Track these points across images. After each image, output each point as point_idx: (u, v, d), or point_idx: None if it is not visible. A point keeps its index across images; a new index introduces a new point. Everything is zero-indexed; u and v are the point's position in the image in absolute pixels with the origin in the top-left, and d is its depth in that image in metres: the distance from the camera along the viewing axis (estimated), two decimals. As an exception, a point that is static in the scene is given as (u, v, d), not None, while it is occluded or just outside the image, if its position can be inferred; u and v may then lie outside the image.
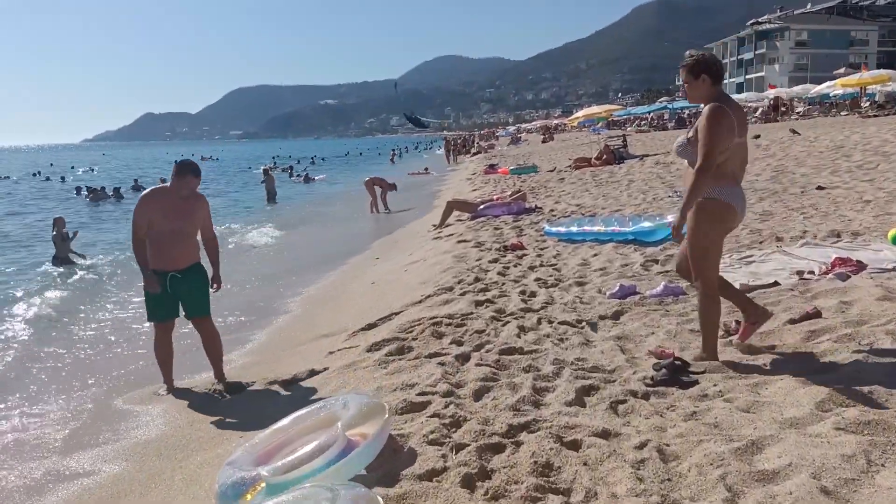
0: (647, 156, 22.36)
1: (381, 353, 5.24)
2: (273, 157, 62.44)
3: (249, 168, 54.81)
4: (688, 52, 4.26)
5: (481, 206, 13.14)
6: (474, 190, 19.71)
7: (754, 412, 3.58)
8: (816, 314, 4.84)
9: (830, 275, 5.85)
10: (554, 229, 9.58)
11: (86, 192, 31.13)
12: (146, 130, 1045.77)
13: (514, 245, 9.17)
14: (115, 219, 22.88)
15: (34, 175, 51.59)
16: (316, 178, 39.13)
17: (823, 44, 79.93)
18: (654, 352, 4.60)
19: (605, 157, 21.52)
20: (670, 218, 8.62)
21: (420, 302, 6.77)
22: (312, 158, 66.28)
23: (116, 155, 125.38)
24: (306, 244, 15.01)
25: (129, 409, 5.54)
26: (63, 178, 45.50)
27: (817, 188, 11.09)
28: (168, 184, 5.59)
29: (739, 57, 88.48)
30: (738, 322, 4.90)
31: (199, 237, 5.79)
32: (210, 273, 5.79)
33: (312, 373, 5.51)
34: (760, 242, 7.76)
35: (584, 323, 5.53)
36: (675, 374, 4.23)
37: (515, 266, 7.98)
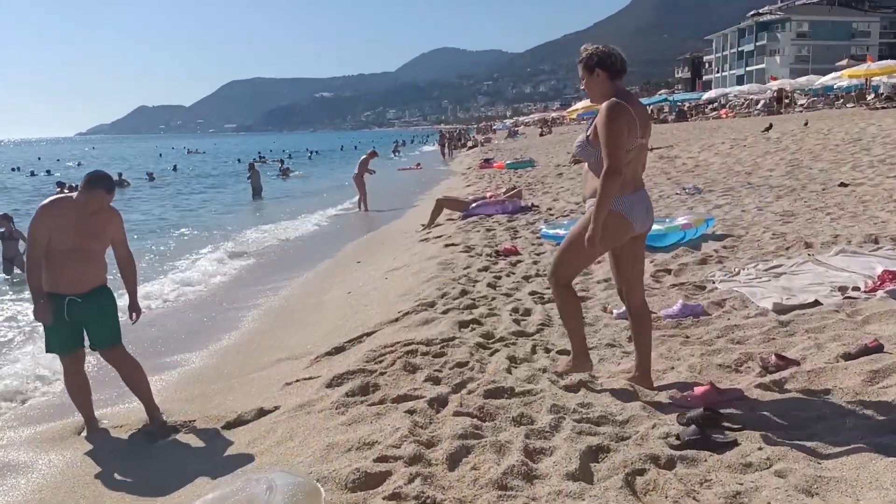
0: (650, 149, 21.42)
1: (341, 390, 4.29)
2: (259, 152, 61.27)
3: (239, 161, 53.66)
4: (583, 46, 3.84)
5: (473, 205, 12.19)
6: (468, 186, 18.78)
7: (820, 494, 2.66)
8: (877, 347, 3.91)
9: (881, 292, 4.92)
10: (552, 232, 8.64)
11: (56, 189, 30.11)
12: (140, 124, 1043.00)
13: (507, 250, 8.23)
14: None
15: (13, 170, 50.45)
16: (293, 173, 37.95)
17: (825, 35, 79.31)
18: (676, 399, 3.67)
19: (605, 150, 20.54)
20: (682, 220, 7.71)
21: (396, 321, 5.83)
22: (310, 153, 65.07)
23: (106, 149, 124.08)
24: (285, 243, 14.05)
25: (18, 460, 4.57)
26: (49, 171, 44.45)
27: (840, 185, 10.17)
28: (73, 193, 4.68)
29: (740, 49, 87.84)
30: (778, 356, 3.98)
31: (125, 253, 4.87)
32: (126, 299, 4.92)
33: (261, 413, 4.58)
34: (787, 248, 6.83)
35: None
36: (706, 428, 3.30)
37: (508, 275, 7.04)
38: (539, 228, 9.49)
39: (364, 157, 19.40)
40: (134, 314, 4.97)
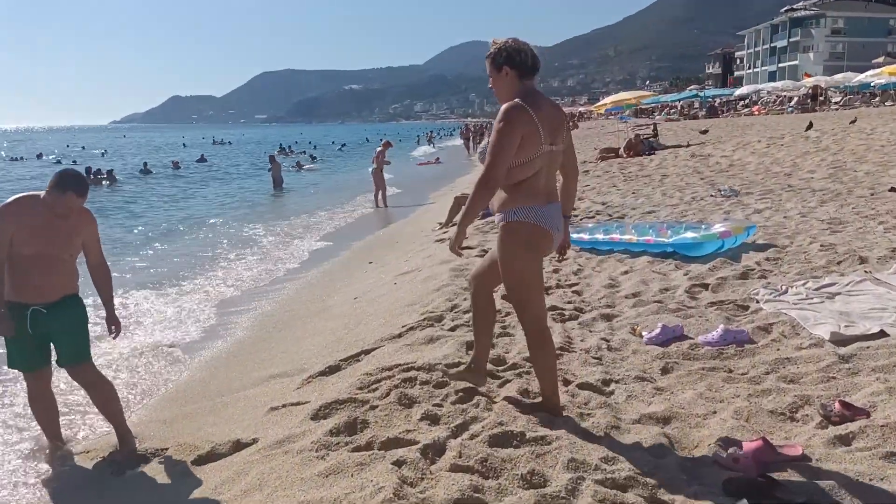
0: (679, 146, 20.61)
1: (326, 425, 3.71)
2: (280, 144, 60.87)
3: (265, 154, 53.37)
4: (492, 40, 3.47)
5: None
6: (490, 182, 18.09)
7: None
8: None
9: (959, 322, 4.22)
10: (575, 236, 7.97)
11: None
12: (173, 113, 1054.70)
13: (526, 255, 7.59)
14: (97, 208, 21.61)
15: (38, 157, 50.67)
16: (306, 166, 37.42)
17: (860, 32, 77.72)
18: (722, 457, 3.03)
19: (634, 148, 19.78)
20: (719, 227, 7.02)
21: (399, 336, 5.24)
22: (341, 146, 64.44)
23: (137, 137, 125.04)
24: (296, 240, 13.52)
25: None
26: (75, 161, 44.49)
27: (890, 189, 9.38)
28: (41, 192, 4.13)
29: (772, 45, 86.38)
30: (843, 404, 3.32)
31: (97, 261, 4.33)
32: (105, 311, 4.38)
33: (237, 446, 4.01)
34: (839, 263, 6.12)
35: (613, 385, 3.96)
36: (760, 501, 2.67)
37: (526, 286, 6.40)
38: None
39: (378, 149, 18.80)
40: (113, 327, 4.45)
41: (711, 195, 10.52)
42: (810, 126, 19.09)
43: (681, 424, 3.44)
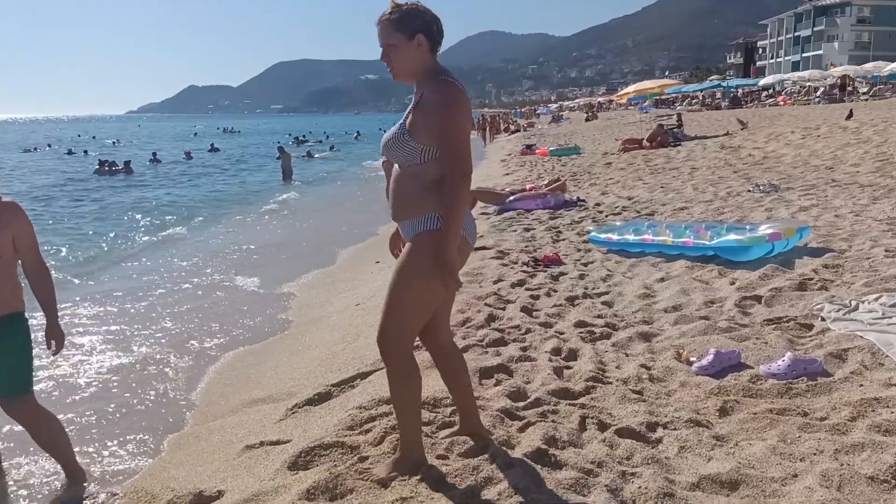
0: (705, 137, 19.70)
1: (305, 481, 2.97)
2: (289, 134, 60.34)
3: (278, 143, 52.87)
4: (392, 2, 2.74)
5: (510, 198, 10.76)
6: (507, 174, 17.30)
7: None
8: None
9: None
10: (602, 236, 7.20)
11: (96, 166, 29.41)
12: (189, 103, 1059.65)
13: (547, 258, 6.82)
14: (99, 199, 21.04)
15: (28, 150, 50.27)
16: (317, 155, 37.22)
17: (887, 20, 76.37)
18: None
19: (658, 138, 18.90)
20: (767, 228, 6.21)
21: (401, 357, 4.49)
22: (356, 133, 63.68)
23: (152, 127, 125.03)
24: (301, 231, 12.80)
25: None
26: (86, 151, 44.11)
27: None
28: None
29: (796, 34, 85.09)
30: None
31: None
32: (45, 329, 3.67)
33: (198, 500, 3.30)
34: (912, 272, 5.29)
35: (660, 430, 3.20)
36: None
37: (548, 294, 5.63)
38: (586, 229, 8.06)
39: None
40: (54, 342, 3.73)
41: (749, 190, 9.68)
42: (851, 115, 18.12)
43: (753, 492, 2.66)
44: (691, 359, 4.01)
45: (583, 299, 5.44)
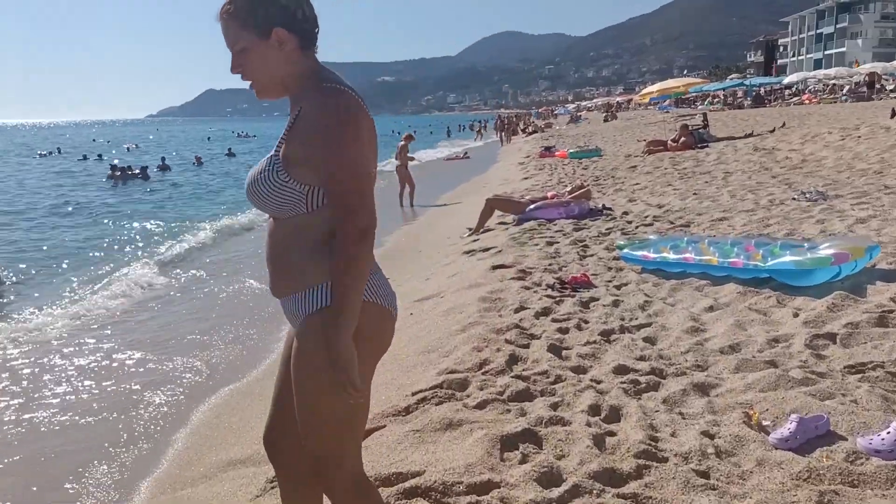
0: (733, 138, 18.79)
1: None
2: None
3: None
4: None
5: (531, 206, 9.97)
6: (526, 178, 16.50)
7: None
8: None
9: None
10: (637, 254, 6.38)
11: (108, 172, 28.93)
12: (208, 106, 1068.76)
13: (575, 279, 6.03)
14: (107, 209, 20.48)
15: (48, 154, 50.23)
16: None
17: None
18: None
19: (683, 139, 18.02)
20: (828, 247, 5.39)
21: (406, 413, 3.73)
22: None
23: (170, 130, 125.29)
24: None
25: None
26: (100, 155, 43.79)
27: None
28: None
29: (818, 31, 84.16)
30: None
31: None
32: None
33: None
34: None
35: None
36: None
37: (579, 327, 4.84)
38: (616, 243, 7.25)
39: (401, 143, 17.31)
40: None
41: (794, 198, 8.82)
42: (894, 114, 17.16)
43: None
44: (764, 422, 3.22)
45: (620, 334, 4.64)
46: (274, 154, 1.89)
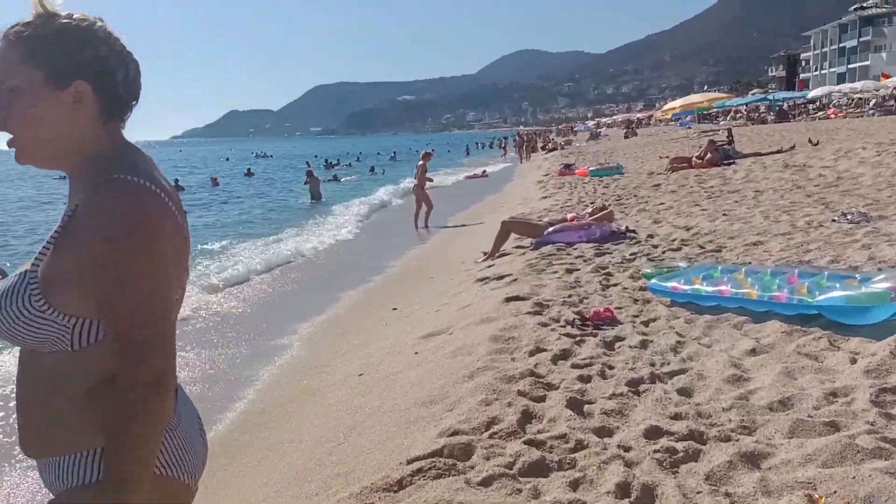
0: (760, 154, 18.10)
1: None
2: (315, 156, 59.68)
3: (307, 164, 52.02)
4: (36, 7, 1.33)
5: (549, 229, 9.39)
6: (545, 197, 15.92)
7: None
8: None
9: None
10: (667, 285, 5.78)
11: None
12: (231, 127, 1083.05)
13: (598, 315, 5.44)
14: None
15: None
16: (343, 179, 36.11)
17: None
18: None
19: (709, 155, 17.37)
20: (884, 280, 4.77)
21: (399, 488, 3.16)
22: (393, 154, 62.52)
23: (192, 152, 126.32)
24: (312, 267, 11.55)
25: None
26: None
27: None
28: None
29: (841, 45, 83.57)
30: None
31: None
32: None
33: None
34: None
35: None
36: None
37: (603, 375, 4.24)
38: (643, 272, 6.65)
39: (420, 162, 16.83)
40: None
41: (834, 220, 8.16)
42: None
43: None
44: (834, 510, 2.61)
45: (650, 384, 4.04)
46: (31, 269, 1.32)
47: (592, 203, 12.50)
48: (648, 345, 4.74)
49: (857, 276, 5.06)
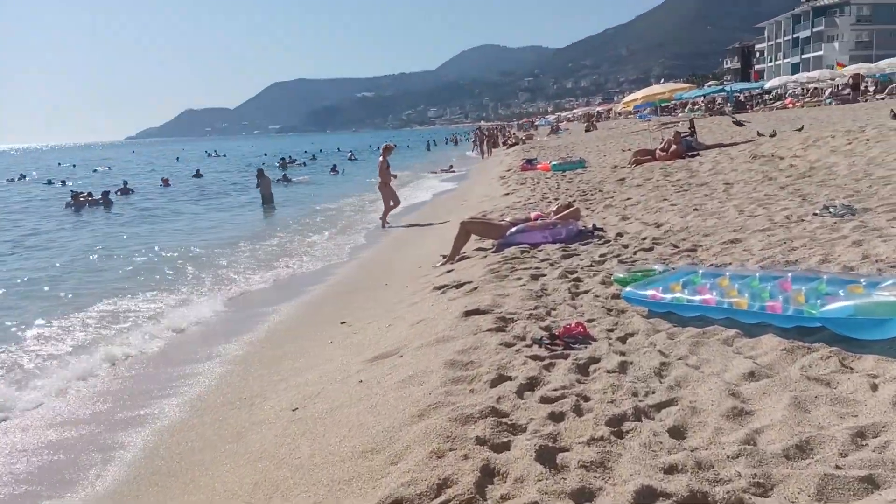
0: (722, 145, 17.64)
1: None
2: (264, 154, 57.94)
3: (249, 166, 50.34)
4: None
5: (512, 230, 8.69)
6: (507, 194, 15.25)
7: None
8: None
9: None
10: (644, 293, 5.10)
11: (70, 199, 27.34)
12: (187, 126, 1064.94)
13: (569, 331, 4.73)
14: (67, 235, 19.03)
15: (12, 180, 48.35)
16: (295, 179, 34.51)
17: (888, 19, 76.09)
18: None
19: (674, 147, 16.86)
20: (892, 285, 4.14)
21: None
22: (350, 153, 60.99)
23: (146, 153, 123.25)
24: (252, 273, 10.69)
25: None
26: (64, 181, 42.12)
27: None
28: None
29: (794, 36, 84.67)
30: None
31: None
32: None
33: None
34: None
35: None
36: None
37: (578, 411, 3.53)
38: (614, 277, 5.97)
39: (380, 158, 15.96)
40: None
41: (816, 213, 7.59)
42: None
43: None
44: None
45: (635, 421, 3.34)
46: None
47: (556, 199, 11.86)
48: (628, 368, 4.05)
49: (861, 280, 4.42)
